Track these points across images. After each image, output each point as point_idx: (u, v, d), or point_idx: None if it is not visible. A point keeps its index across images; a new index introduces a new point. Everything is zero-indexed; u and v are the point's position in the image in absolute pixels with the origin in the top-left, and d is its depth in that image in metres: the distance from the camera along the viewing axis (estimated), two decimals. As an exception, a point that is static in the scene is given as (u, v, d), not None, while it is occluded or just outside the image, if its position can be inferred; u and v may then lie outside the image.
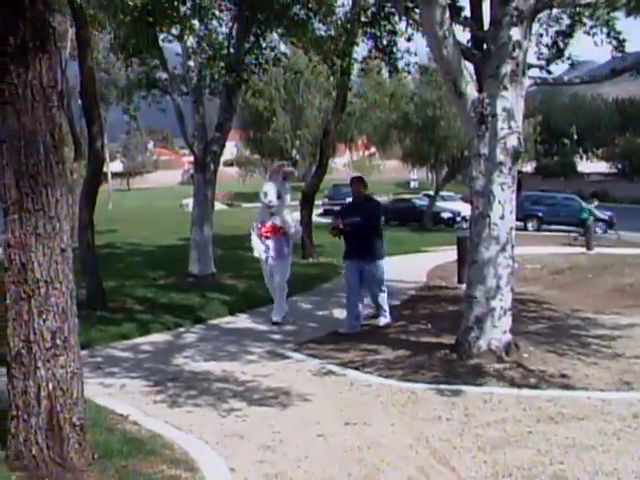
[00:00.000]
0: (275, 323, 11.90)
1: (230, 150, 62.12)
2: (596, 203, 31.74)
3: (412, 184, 68.26)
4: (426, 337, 10.61)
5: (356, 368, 9.12)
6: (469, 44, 10.71)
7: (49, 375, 5.61)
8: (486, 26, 10.34)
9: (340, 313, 11.73)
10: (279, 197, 11.72)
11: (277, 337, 11.08)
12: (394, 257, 19.51)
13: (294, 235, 11.96)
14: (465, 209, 34.23)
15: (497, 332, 9.34)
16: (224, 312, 12.57)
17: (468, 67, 9.74)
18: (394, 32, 15.64)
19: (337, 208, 16.67)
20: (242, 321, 12.53)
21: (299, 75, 35.41)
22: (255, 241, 11.70)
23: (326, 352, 9.94)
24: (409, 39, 15.41)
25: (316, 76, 33.04)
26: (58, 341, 5.57)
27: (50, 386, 5.59)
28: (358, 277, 11.25)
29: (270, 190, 11.70)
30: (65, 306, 5.60)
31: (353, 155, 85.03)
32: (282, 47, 18.07)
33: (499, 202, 9.37)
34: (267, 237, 11.56)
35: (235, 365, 9.39)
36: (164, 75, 17.45)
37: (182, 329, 11.60)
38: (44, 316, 5.53)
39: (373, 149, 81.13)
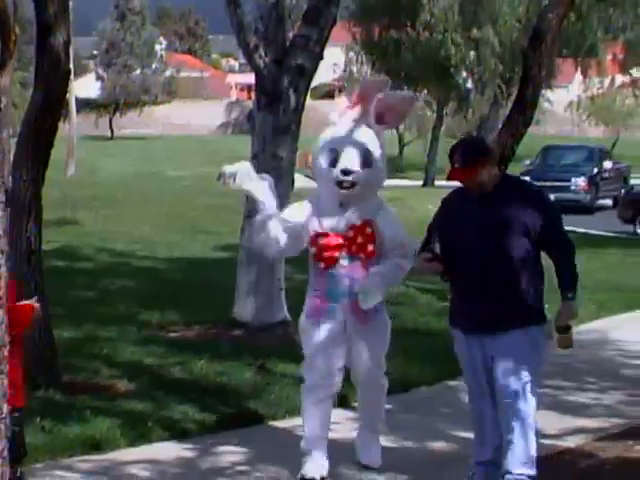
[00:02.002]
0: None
1: (330, 63, 35.58)
2: None
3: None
4: None
5: None
6: None
7: None
8: None
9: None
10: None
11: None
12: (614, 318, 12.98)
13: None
14: None
15: None
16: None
17: None
18: None
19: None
20: (354, 423, 7.59)
21: None
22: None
23: None
24: None
25: None
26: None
27: None
28: (483, 367, 6.10)
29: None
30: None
31: (589, 84, 47.27)
32: None
33: None
34: None
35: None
36: None
37: (214, 436, 7.77)
38: None
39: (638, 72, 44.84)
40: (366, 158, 6.41)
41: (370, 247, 6.40)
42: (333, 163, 6.41)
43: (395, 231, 6.51)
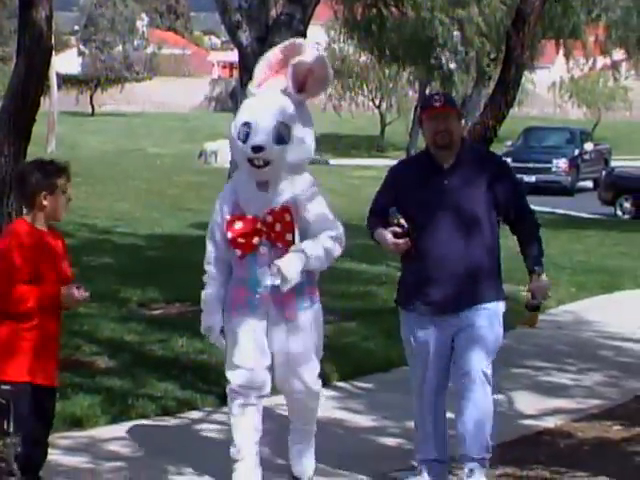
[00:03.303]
0: None
1: (312, 41, 30.99)
2: None
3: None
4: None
5: None
6: None
7: None
8: None
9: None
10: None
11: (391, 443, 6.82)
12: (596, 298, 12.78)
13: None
14: None
15: None
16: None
17: None
18: None
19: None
20: (335, 402, 7.71)
21: None
22: None
23: None
24: None
25: None
26: None
27: None
28: (445, 351, 5.67)
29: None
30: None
31: (570, 66, 46.58)
32: None
33: None
34: None
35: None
36: None
37: (197, 413, 7.58)
38: None
39: (619, 53, 42.49)
40: (281, 133, 5.43)
41: (288, 237, 5.43)
42: (245, 138, 5.47)
43: (321, 218, 5.51)
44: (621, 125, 48.32)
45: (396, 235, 5.44)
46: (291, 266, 5.29)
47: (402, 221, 5.45)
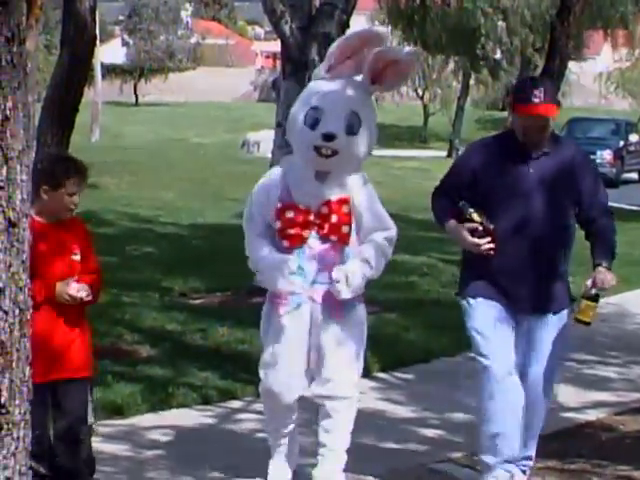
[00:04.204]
0: None
1: None
2: None
3: None
4: None
5: None
6: None
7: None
8: None
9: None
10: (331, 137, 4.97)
11: (432, 434, 6.79)
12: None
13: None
14: None
15: None
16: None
17: None
18: None
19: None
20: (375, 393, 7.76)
21: None
22: None
23: None
24: None
25: None
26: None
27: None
28: (513, 347, 5.23)
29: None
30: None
31: (617, 57, 47.57)
32: None
33: None
34: None
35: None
36: None
37: (235, 403, 7.66)
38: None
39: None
40: (352, 123, 5.12)
41: (345, 229, 5.06)
42: (313, 124, 5.08)
43: (377, 214, 5.17)
44: (667, 116, 48.06)
45: (473, 233, 5.05)
46: (357, 277, 4.98)
47: (482, 219, 5.07)
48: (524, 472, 5.32)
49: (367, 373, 7.79)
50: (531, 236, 5.04)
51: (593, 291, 4.98)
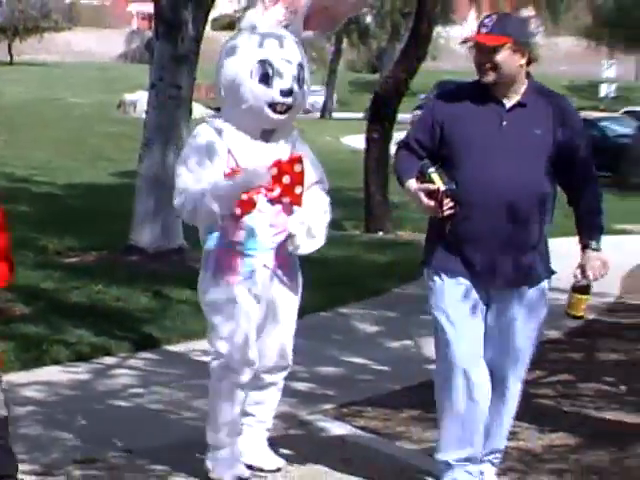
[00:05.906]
0: None
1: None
2: None
3: (605, 90, 40.89)
4: (614, 412, 6.52)
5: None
6: None
7: None
8: None
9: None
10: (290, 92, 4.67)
11: (303, 387, 6.89)
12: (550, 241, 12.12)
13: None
14: None
15: None
16: (198, 328, 7.69)
17: None
18: None
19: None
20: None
21: None
22: None
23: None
24: None
25: None
26: None
27: None
28: (481, 328, 4.54)
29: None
30: None
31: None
32: None
33: None
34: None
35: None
36: None
37: (109, 359, 7.63)
38: None
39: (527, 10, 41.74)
40: (302, 75, 4.75)
41: (297, 190, 4.66)
42: (264, 79, 4.67)
43: (317, 166, 4.86)
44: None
45: (431, 196, 4.33)
46: (320, 227, 4.67)
47: (443, 180, 4.35)
48: (493, 464, 4.79)
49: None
50: (501, 200, 4.34)
51: (584, 282, 4.46)
